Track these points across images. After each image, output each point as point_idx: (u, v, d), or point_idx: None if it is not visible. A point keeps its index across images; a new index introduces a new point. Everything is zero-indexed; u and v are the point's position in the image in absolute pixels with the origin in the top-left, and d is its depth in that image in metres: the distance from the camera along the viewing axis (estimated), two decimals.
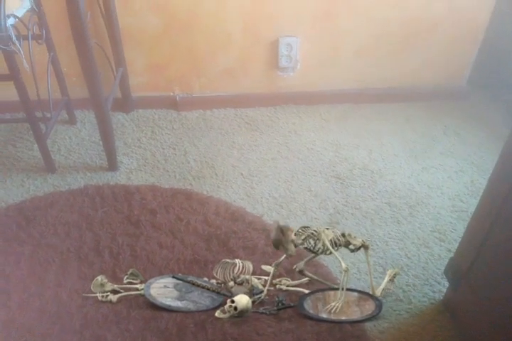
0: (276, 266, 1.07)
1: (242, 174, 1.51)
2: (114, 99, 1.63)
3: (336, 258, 1.03)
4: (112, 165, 1.48)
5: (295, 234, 1.02)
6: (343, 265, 1.01)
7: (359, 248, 1.06)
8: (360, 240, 1.06)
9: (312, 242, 1.02)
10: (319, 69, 1.83)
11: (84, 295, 1.06)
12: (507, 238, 0.88)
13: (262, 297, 1.06)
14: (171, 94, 1.84)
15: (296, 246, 1.01)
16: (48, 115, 1.46)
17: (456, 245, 1.25)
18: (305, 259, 1.09)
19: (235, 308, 0.99)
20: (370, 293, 1.08)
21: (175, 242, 1.19)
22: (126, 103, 1.79)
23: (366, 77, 1.87)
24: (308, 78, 1.85)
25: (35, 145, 1.50)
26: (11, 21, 1.24)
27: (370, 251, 1.22)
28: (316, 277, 1.10)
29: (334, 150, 1.64)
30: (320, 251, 1.02)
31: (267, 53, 1.77)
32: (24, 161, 1.54)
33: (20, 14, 1.31)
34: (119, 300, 1.05)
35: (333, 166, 1.55)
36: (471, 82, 1.93)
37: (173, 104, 1.84)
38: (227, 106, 1.86)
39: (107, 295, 1.05)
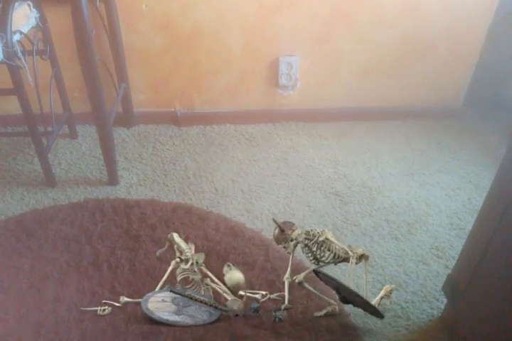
0: (288, 279, 1.08)
1: (241, 190, 1.52)
2: (116, 114, 1.65)
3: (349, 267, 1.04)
4: (113, 180, 1.49)
5: (305, 237, 1.04)
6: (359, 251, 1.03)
7: (360, 257, 1.06)
8: (361, 249, 1.07)
9: (318, 251, 1.03)
10: (318, 87, 1.86)
11: (82, 309, 1.05)
12: (504, 254, 0.88)
13: (282, 309, 1.06)
14: (172, 109, 1.87)
15: (297, 244, 1.04)
16: (50, 129, 1.47)
17: (453, 262, 1.26)
18: (305, 271, 1.09)
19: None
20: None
21: (174, 257, 1.19)
22: (128, 118, 1.81)
23: (364, 95, 1.90)
24: (308, 96, 1.88)
25: (36, 159, 1.51)
26: (16, 37, 1.26)
27: (369, 268, 1.23)
28: (314, 291, 1.09)
29: (333, 167, 1.65)
30: (326, 260, 1.03)
31: (268, 71, 1.80)
32: (25, 175, 1.55)
33: (25, 30, 1.34)
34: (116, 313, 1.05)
35: (332, 183, 1.56)
36: (467, 102, 1.96)
37: (174, 119, 1.86)
38: (228, 122, 1.88)
39: (105, 309, 1.05)
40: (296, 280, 1.07)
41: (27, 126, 1.36)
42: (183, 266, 1.08)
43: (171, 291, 1.07)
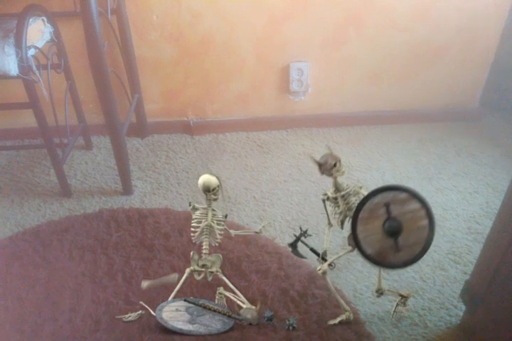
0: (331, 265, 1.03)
1: (254, 197, 1.52)
2: (130, 125, 1.67)
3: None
4: (127, 189, 1.51)
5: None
6: None
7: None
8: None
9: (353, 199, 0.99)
10: (330, 92, 1.86)
11: (116, 317, 1.07)
12: None
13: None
14: (185, 119, 1.88)
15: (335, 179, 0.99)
16: (65, 141, 1.50)
17: (471, 267, 1.23)
18: (333, 258, 1.03)
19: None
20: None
21: (188, 266, 1.18)
22: (141, 128, 1.84)
23: (377, 99, 1.88)
24: (319, 101, 1.87)
25: (52, 171, 1.54)
26: (31, 52, 1.29)
27: (384, 274, 1.21)
28: (332, 288, 1.03)
29: (347, 172, 1.63)
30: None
31: (279, 78, 1.81)
32: (41, 186, 1.58)
33: (40, 45, 1.37)
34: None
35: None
36: (483, 103, 1.93)
37: (187, 128, 1.87)
38: (240, 129, 1.89)
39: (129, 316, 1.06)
40: (320, 271, 1.02)
41: (43, 138, 1.38)
42: (197, 267, 1.07)
43: (185, 300, 1.08)
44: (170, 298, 1.08)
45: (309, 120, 1.90)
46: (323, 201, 1.06)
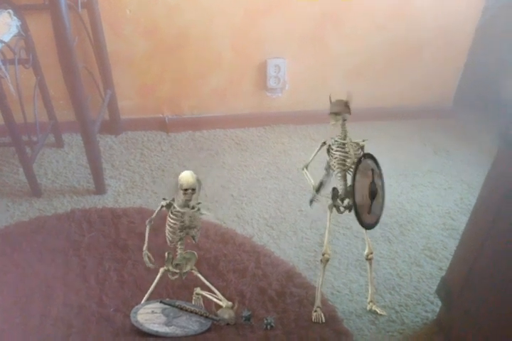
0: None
1: (232, 195, 1.50)
2: (103, 122, 1.62)
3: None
4: (100, 188, 1.47)
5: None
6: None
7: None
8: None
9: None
10: (307, 89, 1.85)
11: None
12: (499, 256, 0.87)
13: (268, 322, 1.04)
14: (160, 115, 1.84)
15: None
16: (35, 139, 1.45)
17: (447, 263, 1.24)
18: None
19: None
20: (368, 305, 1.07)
21: (163, 266, 1.16)
22: (114, 125, 1.79)
23: (354, 96, 1.88)
24: (297, 98, 1.86)
25: (21, 170, 1.48)
26: None
27: (362, 271, 1.21)
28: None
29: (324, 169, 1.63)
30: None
31: (256, 74, 1.79)
32: (9, 186, 1.52)
33: (6, 39, 1.31)
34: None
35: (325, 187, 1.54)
36: (457, 101, 1.96)
37: (162, 125, 1.84)
38: (217, 126, 1.86)
39: None
40: (324, 256, 1.05)
41: (10, 136, 1.33)
42: (170, 267, 1.05)
43: (160, 302, 1.05)
44: (143, 300, 1.05)
45: (287, 117, 1.88)
46: (324, 144, 1.11)
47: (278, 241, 1.31)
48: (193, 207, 1.01)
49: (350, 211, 1.05)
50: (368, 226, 1.01)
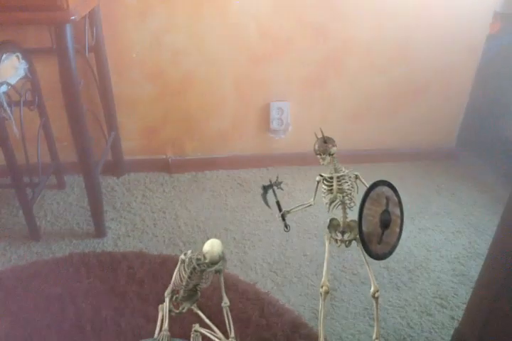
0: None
1: (234, 238, 1.46)
2: (106, 163, 1.62)
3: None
4: (100, 232, 1.44)
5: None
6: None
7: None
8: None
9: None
10: (310, 131, 1.83)
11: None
12: None
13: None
14: (164, 156, 1.84)
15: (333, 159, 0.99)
16: (36, 180, 1.43)
17: (458, 311, 1.19)
18: (296, 207, 1.03)
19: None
20: None
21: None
22: (117, 166, 1.78)
23: (357, 138, 1.89)
24: (300, 140, 1.86)
25: (21, 212, 1.45)
26: (3, 89, 1.25)
27: (370, 321, 1.15)
28: None
29: (302, 204, 1.60)
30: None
31: (259, 116, 1.80)
32: (8, 228, 1.49)
33: (13, 81, 1.33)
34: None
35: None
36: (460, 143, 1.96)
37: (165, 166, 1.83)
38: (220, 167, 1.85)
39: None
40: (323, 289, 0.94)
41: (11, 177, 1.32)
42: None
43: None
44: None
45: (290, 158, 1.88)
46: (317, 182, 1.02)
47: (282, 287, 1.27)
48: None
49: (347, 245, 1.00)
50: (377, 256, 0.95)
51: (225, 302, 0.91)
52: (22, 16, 1.13)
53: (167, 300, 0.90)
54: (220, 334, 0.99)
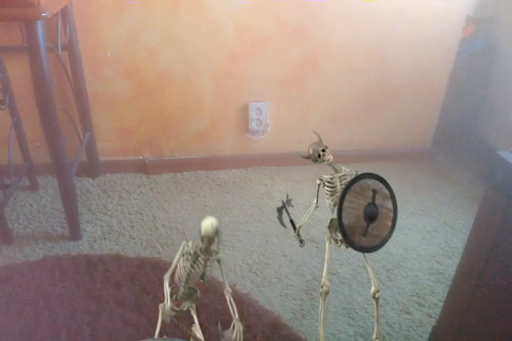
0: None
1: None
2: (81, 164, 1.58)
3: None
4: (75, 234, 1.40)
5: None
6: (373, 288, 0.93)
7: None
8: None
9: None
10: (289, 132, 1.85)
11: None
12: (491, 305, 0.84)
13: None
14: (140, 157, 1.81)
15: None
16: (8, 182, 1.39)
17: (436, 309, 1.21)
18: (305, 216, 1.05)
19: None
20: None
21: (140, 319, 1.09)
22: (93, 167, 1.74)
23: (334, 139, 1.90)
24: (279, 141, 1.86)
25: None
26: None
27: (350, 320, 1.16)
28: None
29: (307, 211, 1.60)
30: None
31: (237, 117, 1.79)
32: None
33: None
34: None
35: (308, 229, 1.51)
36: (436, 143, 1.99)
37: (142, 167, 1.80)
38: (198, 168, 1.83)
39: None
40: (323, 288, 0.95)
41: None
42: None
43: None
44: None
45: (269, 159, 1.87)
46: (318, 186, 1.04)
47: (262, 288, 1.26)
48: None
49: (347, 246, 1.00)
50: (362, 249, 0.95)
51: (227, 289, 0.93)
52: None
53: (166, 283, 0.91)
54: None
